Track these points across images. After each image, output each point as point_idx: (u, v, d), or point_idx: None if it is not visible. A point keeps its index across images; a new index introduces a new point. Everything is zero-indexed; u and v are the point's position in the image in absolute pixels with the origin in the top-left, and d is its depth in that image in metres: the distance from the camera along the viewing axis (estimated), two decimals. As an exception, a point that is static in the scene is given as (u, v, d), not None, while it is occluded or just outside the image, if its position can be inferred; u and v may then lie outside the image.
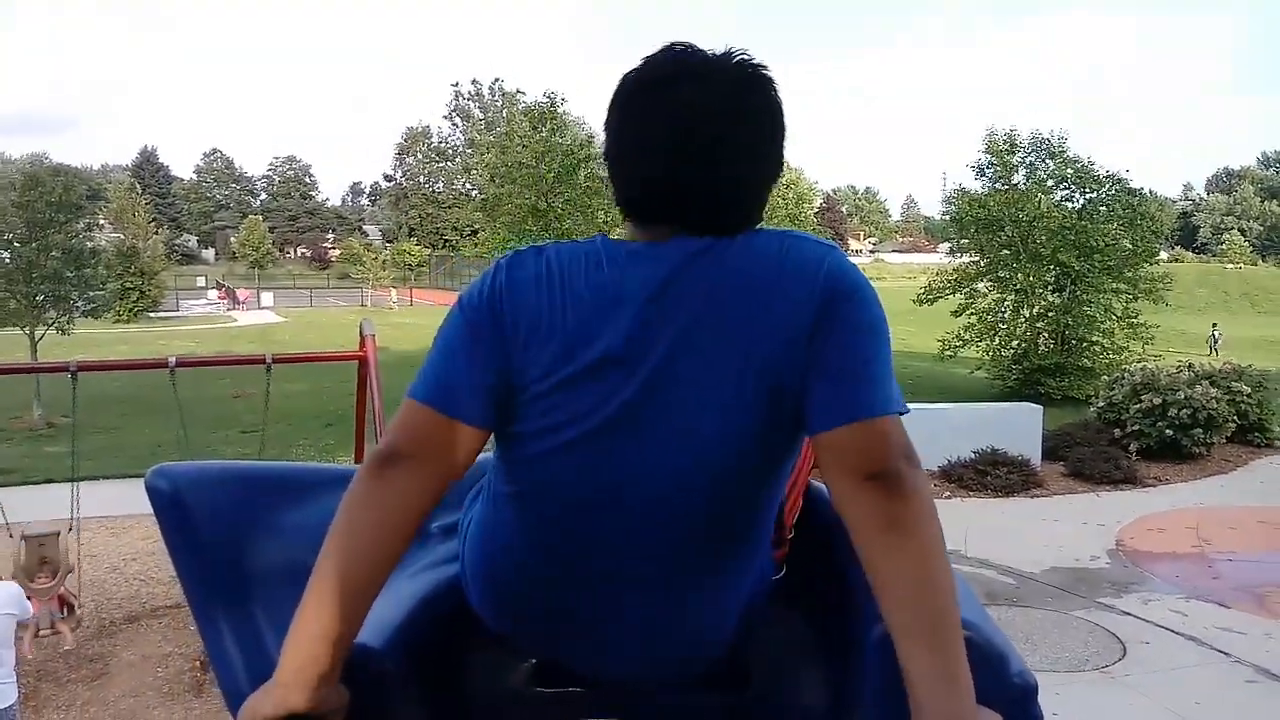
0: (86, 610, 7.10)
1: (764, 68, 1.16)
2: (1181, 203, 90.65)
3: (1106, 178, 18.54)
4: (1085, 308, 17.82)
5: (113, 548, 8.62)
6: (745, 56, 1.16)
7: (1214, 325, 28.19)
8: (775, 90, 1.17)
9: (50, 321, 16.67)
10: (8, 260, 16.38)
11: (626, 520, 1.13)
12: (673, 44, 1.16)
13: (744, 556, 1.21)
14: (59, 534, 6.56)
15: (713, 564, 1.18)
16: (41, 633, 6.13)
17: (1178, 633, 6.58)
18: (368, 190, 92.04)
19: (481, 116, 67.25)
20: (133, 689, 5.94)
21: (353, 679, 1.08)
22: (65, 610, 6.46)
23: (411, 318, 33.78)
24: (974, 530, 9.01)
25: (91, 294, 18.16)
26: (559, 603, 1.20)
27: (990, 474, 10.46)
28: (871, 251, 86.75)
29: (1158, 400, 11.65)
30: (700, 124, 1.11)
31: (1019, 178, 19.28)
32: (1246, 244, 77.10)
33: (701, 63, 1.14)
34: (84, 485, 7.81)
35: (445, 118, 67.22)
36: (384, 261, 50.43)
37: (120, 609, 7.29)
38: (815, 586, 1.36)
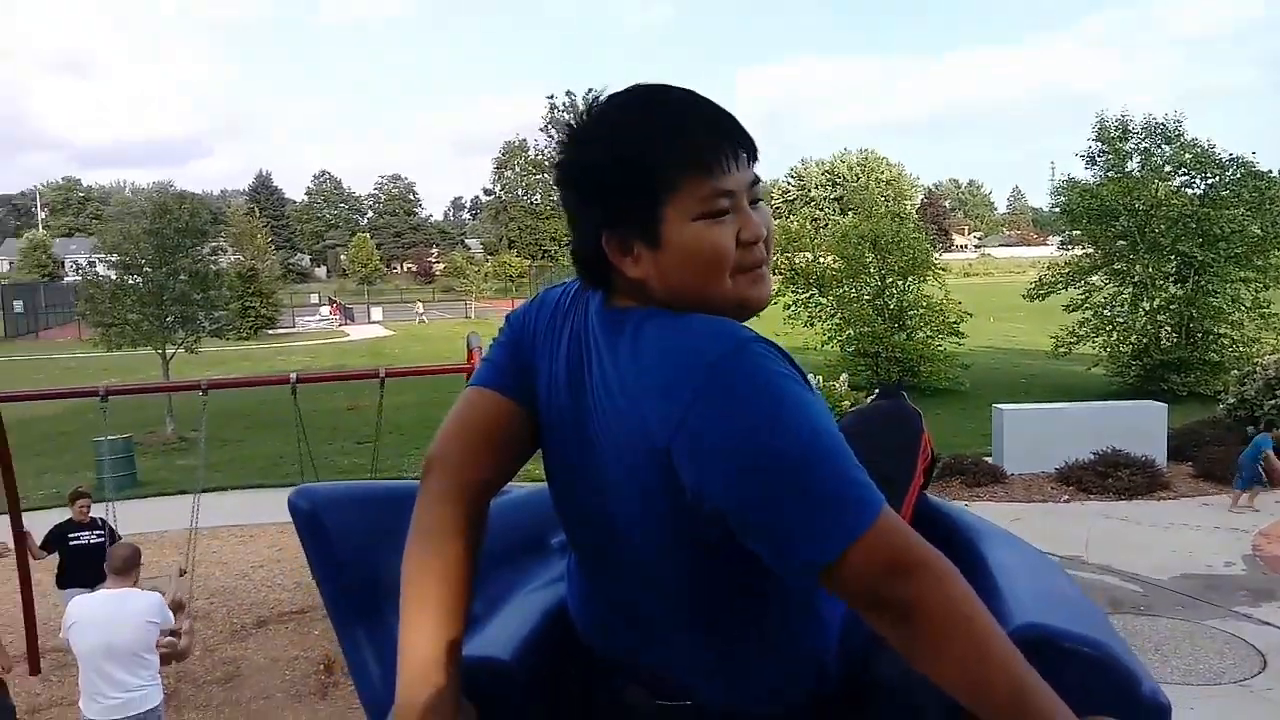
0: (219, 615, 7.49)
1: (590, 120, 1.05)
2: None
3: (1229, 161, 17.54)
4: (1211, 299, 16.89)
5: (241, 555, 9.06)
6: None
7: None
8: (585, 143, 1.05)
9: (179, 341, 17.65)
10: (140, 285, 17.44)
11: (609, 569, 1.13)
12: None
13: (761, 609, 1.09)
14: (171, 575, 6.76)
15: (716, 617, 1.08)
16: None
17: (1325, 644, 6.17)
18: (469, 205, 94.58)
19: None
20: (263, 690, 6.23)
21: (483, 692, 1.10)
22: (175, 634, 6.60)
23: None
24: (1095, 535, 8.64)
25: (216, 314, 19.13)
26: (613, 628, 1.20)
27: (1112, 475, 10.01)
28: (977, 246, 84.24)
29: (1295, 395, 10.95)
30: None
31: (1133, 165, 18.41)
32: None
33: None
34: (213, 496, 8.27)
35: (541, 130, 68.16)
36: (486, 274, 51.60)
37: (250, 614, 7.66)
38: None
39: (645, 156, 1.00)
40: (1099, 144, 18.69)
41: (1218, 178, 17.60)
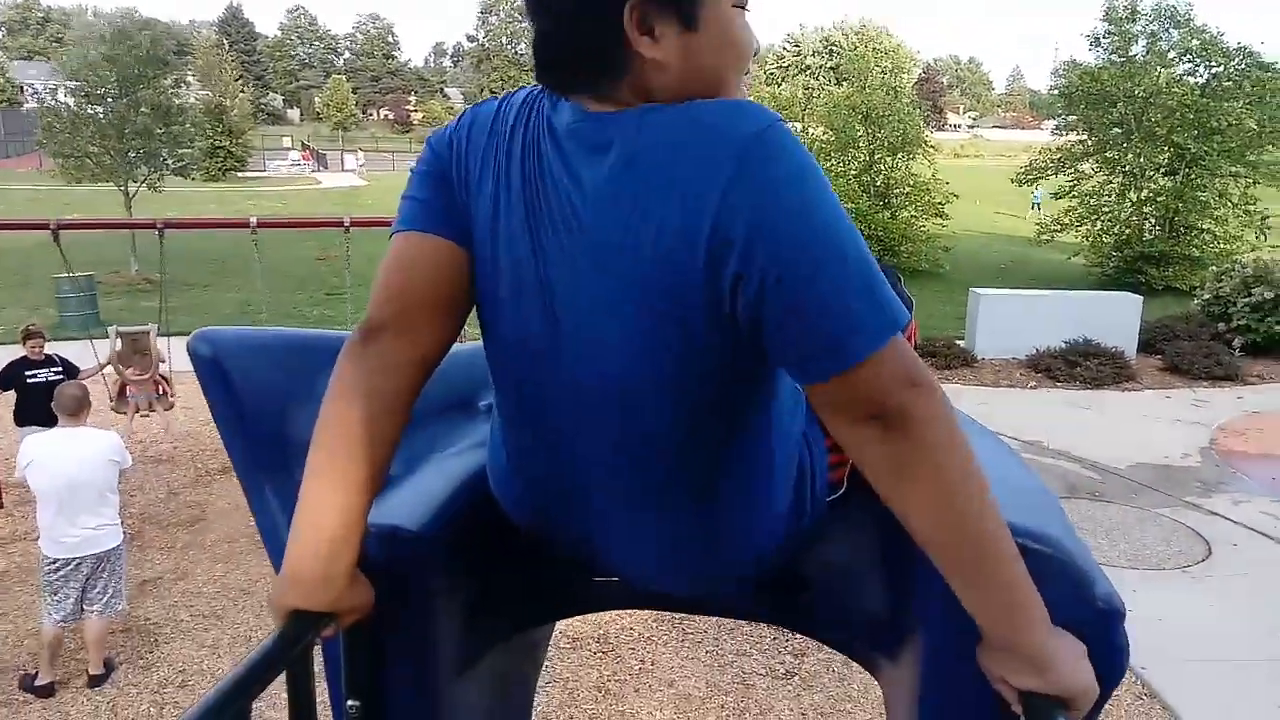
0: (184, 459, 7.47)
1: None
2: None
3: (1236, 50, 17.04)
4: (1199, 193, 16.72)
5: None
6: None
7: None
8: None
9: (142, 178, 17.06)
10: (100, 115, 16.69)
11: (572, 430, 1.00)
12: None
13: (735, 482, 1.01)
14: (150, 330, 7.26)
15: (686, 486, 1.00)
16: (140, 413, 6.78)
17: (1268, 536, 6.35)
18: (450, 51, 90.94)
19: (565, -26, 65.10)
20: (227, 535, 6.26)
21: (386, 562, 1.03)
22: (160, 392, 7.12)
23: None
24: (1059, 422, 8.77)
25: (180, 151, 18.46)
26: (546, 506, 1.10)
27: (1080, 365, 10.11)
28: (970, 126, 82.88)
29: (1270, 294, 10.98)
30: None
31: (1138, 49, 17.86)
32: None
33: None
34: (178, 340, 8.13)
35: (529, -26, 65.21)
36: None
37: (215, 459, 7.64)
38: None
39: None
40: (1105, 24, 18.07)
41: (1222, 67, 17.15)
